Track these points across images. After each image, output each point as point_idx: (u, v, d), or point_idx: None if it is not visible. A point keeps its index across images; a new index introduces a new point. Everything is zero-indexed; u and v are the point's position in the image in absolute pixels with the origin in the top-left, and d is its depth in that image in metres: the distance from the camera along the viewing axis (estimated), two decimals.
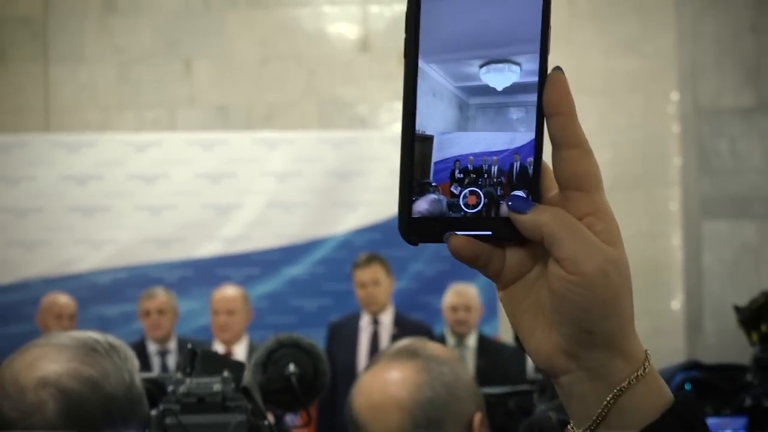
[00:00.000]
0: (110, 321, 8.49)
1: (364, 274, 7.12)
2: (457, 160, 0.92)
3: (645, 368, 0.95)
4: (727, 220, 8.99)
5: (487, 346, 7.11)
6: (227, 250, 8.84)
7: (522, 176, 0.93)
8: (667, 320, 9.37)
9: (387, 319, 7.11)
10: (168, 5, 9.64)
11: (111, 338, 1.89)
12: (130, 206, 8.80)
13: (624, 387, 0.93)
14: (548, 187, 0.95)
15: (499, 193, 0.93)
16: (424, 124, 0.92)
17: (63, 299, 7.44)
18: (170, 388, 1.86)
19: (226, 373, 1.87)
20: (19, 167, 8.76)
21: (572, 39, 9.38)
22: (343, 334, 7.16)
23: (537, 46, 0.92)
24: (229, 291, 7.30)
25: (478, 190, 0.92)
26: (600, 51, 9.50)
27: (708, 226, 9.20)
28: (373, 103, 9.73)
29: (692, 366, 3.20)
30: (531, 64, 0.92)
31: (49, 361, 1.78)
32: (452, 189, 0.93)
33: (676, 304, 9.44)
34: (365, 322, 7.13)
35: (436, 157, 0.92)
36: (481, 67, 0.92)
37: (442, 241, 0.93)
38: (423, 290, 8.57)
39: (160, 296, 7.36)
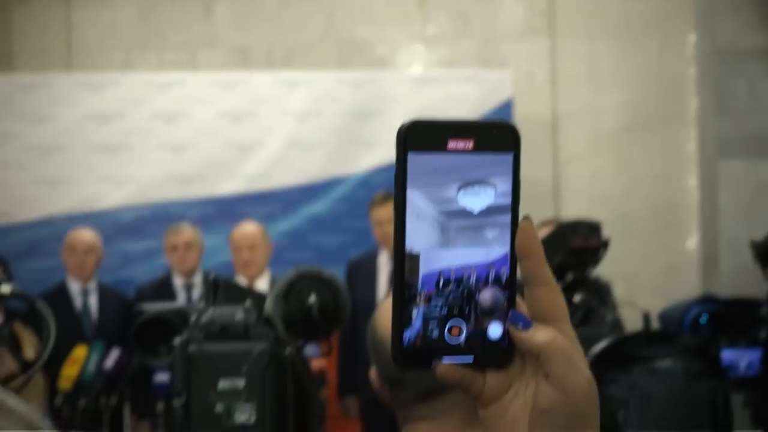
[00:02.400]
0: (134, 257, 8.53)
1: (381, 212, 7.11)
2: (441, 272, 1.04)
3: None
4: (744, 159, 8.93)
5: None
6: (248, 188, 8.84)
7: (496, 281, 1.06)
8: (682, 258, 9.36)
9: None
10: None
11: None
12: (153, 144, 8.79)
13: None
14: None
15: (477, 298, 1.05)
16: (410, 243, 1.03)
17: (87, 234, 7.44)
18: (193, 318, 1.86)
19: (248, 303, 1.87)
20: (42, 106, 8.75)
21: None
22: (363, 272, 7.16)
23: (509, 168, 1.04)
24: (249, 227, 7.31)
25: (462, 322, 1.04)
26: None
27: (724, 165, 9.15)
28: (392, 44, 9.68)
29: (708, 300, 3.18)
30: (504, 185, 1.04)
31: None
32: (434, 297, 1.04)
33: (692, 242, 9.42)
34: (383, 259, 7.13)
35: (423, 270, 1.03)
36: (458, 190, 1.03)
37: (429, 368, 1.04)
38: None
39: (187, 231, 7.38)
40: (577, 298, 2.85)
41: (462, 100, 8.99)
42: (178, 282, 7.25)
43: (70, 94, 8.80)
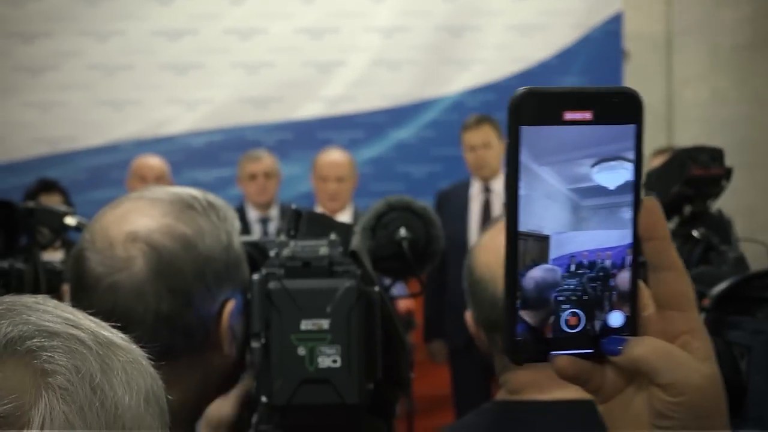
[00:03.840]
0: (205, 186, 8.40)
1: (474, 137, 7.05)
2: (572, 256, 1.04)
3: None
4: None
5: None
6: (329, 112, 8.84)
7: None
8: None
9: (499, 186, 7.04)
10: None
11: (211, 196, 1.87)
12: (226, 63, 8.83)
13: None
14: (644, 305, 1.07)
15: (612, 285, 1.05)
16: (540, 224, 1.03)
17: (154, 161, 7.48)
18: (273, 252, 1.86)
19: (333, 236, 1.86)
20: (107, 21, 8.80)
21: None
22: (452, 203, 7.12)
23: (631, 141, 1.04)
24: (336, 155, 7.25)
25: (579, 311, 1.05)
26: None
27: None
28: None
29: None
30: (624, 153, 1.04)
31: (142, 216, 1.77)
32: (567, 281, 1.05)
33: None
34: (476, 190, 7.09)
35: (553, 254, 1.04)
36: (593, 166, 1.03)
37: (546, 361, 1.05)
38: None
39: (266, 159, 7.38)
40: (696, 233, 2.81)
41: (566, 14, 8.89)
42: (252, 215, 7.29)
43: (137, 8, 8.85)
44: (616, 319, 1.05)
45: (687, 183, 2.86)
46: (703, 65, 9.44)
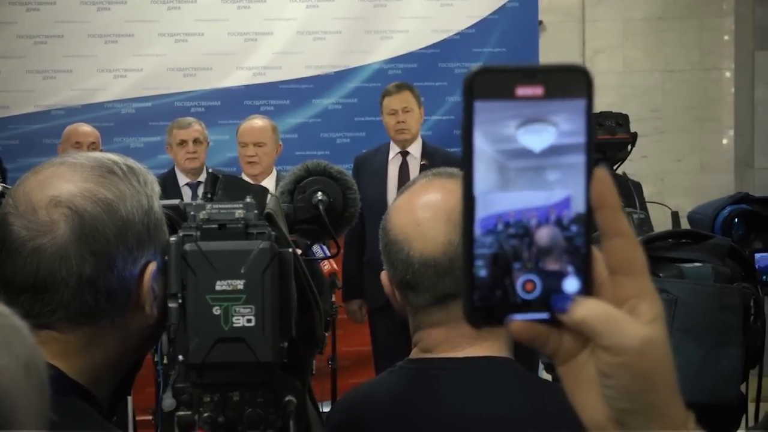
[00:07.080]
0: (135, 152, 8.49)
1: (395, 101, 7.03)
2: (499, 215, 1.04)
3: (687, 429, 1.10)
4: None
5: None
6: (255, 80, 8.80)
7: (557, 225, 1.06)
8: (717, 156, 9.31)
9: (416, 150, 7.07)
10: None
11: (131, 161, 1.86)
12: (154, 33, 8.75)
13: None
14: (599, 272, 1.07)
15: (532, 242, 1.05)
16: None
17: (85, 128, 7.43)
18: (190, 214, 1.84)
19: (248, 199, 1.85)
20: None
21: None
22: (370, 167, 7.12)
23: (581, 114, 1.03)
24: (258, 122, 7.22)
25: (535, 278, 1.05)
26: None
27: (762, 57, 9.06)
28: None
29: (742, 199, 3.13)
30: (567, 125, 1.03)
31: (64, 181, 1.74)
32: (482, 238, 1.05)
33: (727, 139, 9.36)
34: (393, 153, 7.10)
35: (480, 214, 1.04)
36: (518, 128, 1.02)
37: (502, 325, 1.06)
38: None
39: (195, 125, 7.33)
40: None
41: None
42: (182, 180, 7.25)
43: None
44: (571, 285, 1.06)
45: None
46: (615, 36, 9.49)
